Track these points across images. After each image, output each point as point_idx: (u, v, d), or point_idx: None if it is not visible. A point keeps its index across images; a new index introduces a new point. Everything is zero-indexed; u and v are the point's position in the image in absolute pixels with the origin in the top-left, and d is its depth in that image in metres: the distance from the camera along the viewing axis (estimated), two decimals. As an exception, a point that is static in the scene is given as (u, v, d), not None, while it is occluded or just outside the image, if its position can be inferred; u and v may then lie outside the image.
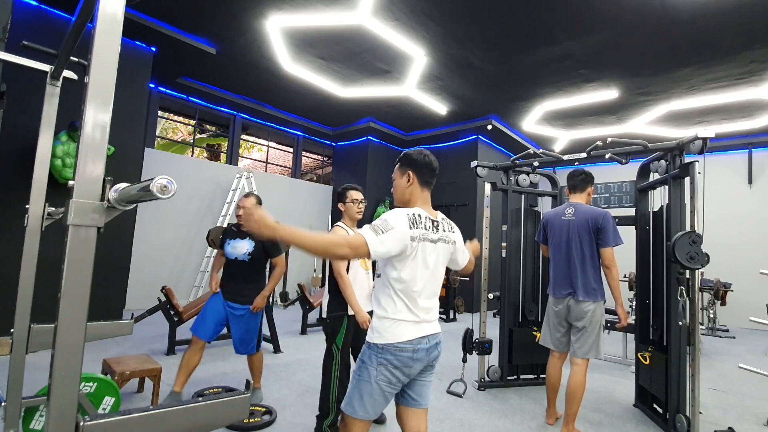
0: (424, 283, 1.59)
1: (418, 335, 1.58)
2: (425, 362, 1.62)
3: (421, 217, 1.59)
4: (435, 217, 1.67)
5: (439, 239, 1.64)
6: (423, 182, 1.67)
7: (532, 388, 3.66)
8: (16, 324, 1.65)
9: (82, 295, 0.83)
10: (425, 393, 1.68)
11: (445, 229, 1.68)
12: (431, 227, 1.61)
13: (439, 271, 1.67)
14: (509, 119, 7.98)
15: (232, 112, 8.19)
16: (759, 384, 4.02)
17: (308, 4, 4.58)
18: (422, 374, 1.66)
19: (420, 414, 1.67)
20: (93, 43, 0.88)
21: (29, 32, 4.29)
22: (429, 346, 1.61)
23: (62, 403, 0.80)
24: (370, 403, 1.56)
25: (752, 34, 4.66)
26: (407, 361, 1.56)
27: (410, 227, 1.53)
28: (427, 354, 1.61)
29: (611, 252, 2.67)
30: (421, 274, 1.58)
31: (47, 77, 1.75)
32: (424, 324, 1.61)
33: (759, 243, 7.83)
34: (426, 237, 1.58)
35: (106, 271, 4.71)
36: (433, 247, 1.61)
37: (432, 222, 1.63)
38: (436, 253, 1.63)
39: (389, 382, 1.56)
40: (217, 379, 3.54)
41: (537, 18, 4.61)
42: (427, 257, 1.59)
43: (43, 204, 1.71)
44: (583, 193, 2.91)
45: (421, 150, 1.72)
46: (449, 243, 1.69)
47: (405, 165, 1.68)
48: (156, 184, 0.82)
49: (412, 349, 1.56)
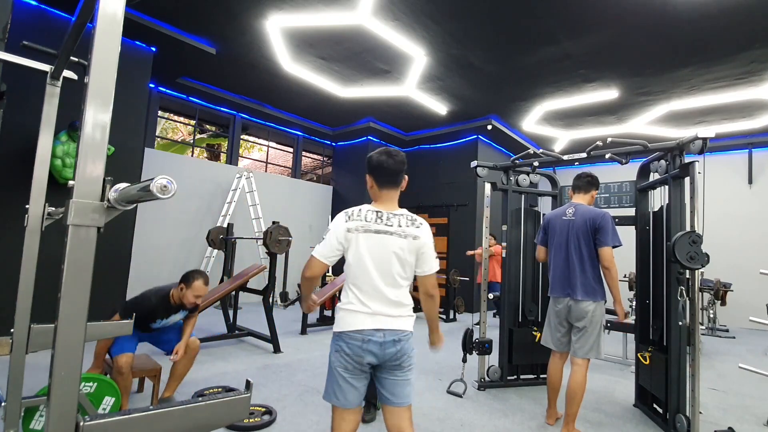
0: (368, 273, 1.63)
1: (370, 327, 1.61)
2: (380, 356, 1.62)
3: (362, 210, 1.68)
4: (389, 211, 1.70)
5: (386, 231, 1.65)
6: (380, 183, 1.72)
7: (532, 388, 3.66)
8: (16, 324, 1.65)
9: (82, 295, 0.83)
10: (399, 392, 1.66)
11: (401, 223, 1.67)
12: (373, 219, 1.66)
13: (391, 263, 1.65)
14: (509, 119, 7.98)
15: (232, 112, 8.19)
16: (759, 384, 4.02)
17: (308, 4, 4.58)
18: (388, 372, 1.66)
19: (399, 412, 1.66)
20: (93, 43, 0.88)
21: (29, 32, 4.29)
22: (384, 340, 1.61)
23: (62, 403, 0.80)
24: (337, 388, 1.63)
25: (752, 34, 4.66)
26: (357, 350, 1.61)
27: (346, 221, 1.66)
28: (381, 348, 1.61)
29: (609, 252, 2.66)
30: (361, 263, 1.64)
31: (47, 77, 1.75)
32: (380, 317, 1.62)
33: (759, 243, 7.83)
34: (365, 228, 1.65)
35: (106, 271, 4.71)
36: (374, 237, 1.64)
37: (376, 213, 1.68)
38: (381, 243, 1.64)
39: (345, 368, 1.63)
40: (217, 379, 3.54)
41: (537, 18, 4.61)
42: (367, 246, 1.64)
43: (43, 204, 1.71)
44: (587, 195, 2.92)
45: (381, 150, 1.74)
46: (404, 237, 1.65)
47: (367, 169, 1.75)
48: (156, 184, 0.82)
49: (362, 339, 1.60)
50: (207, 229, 7.07)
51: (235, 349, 4.60)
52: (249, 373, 3.76)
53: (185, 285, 2.79)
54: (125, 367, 2.59)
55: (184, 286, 2.79)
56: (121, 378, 2.56)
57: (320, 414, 2.89)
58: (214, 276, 7.31)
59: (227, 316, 5.10)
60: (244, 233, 7.72)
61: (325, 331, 5.78)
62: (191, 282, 2.79)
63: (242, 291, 5.02)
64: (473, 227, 8.39)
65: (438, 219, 9.07)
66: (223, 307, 5.16)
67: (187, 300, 2.79)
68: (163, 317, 2.86)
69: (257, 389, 3.30)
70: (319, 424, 2.74)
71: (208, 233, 6.57)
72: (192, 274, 2.83)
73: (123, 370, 2.57)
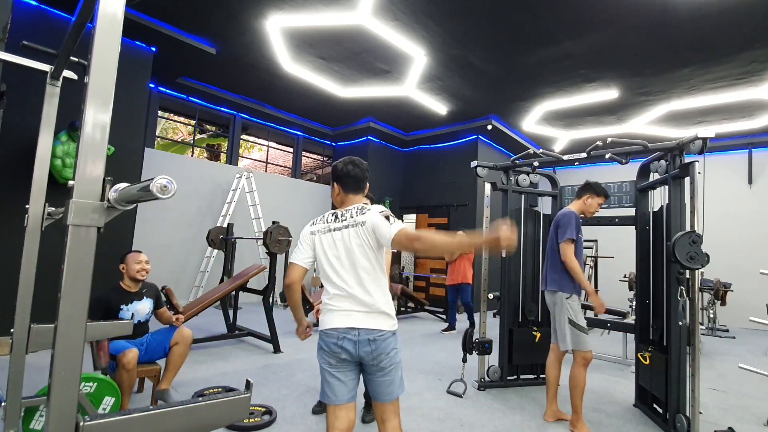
0: (335, 272, 1.71)
1: (344, 325, 1.65)
2: (355, 355, 1.65)
3: (324, 215, 1.82)
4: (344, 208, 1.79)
5: (343, 227, 1.73)
6: (346, 190, 1.82)
7: (532, 388, 3.66)
8: (16, 324, 1.64)
9: (82, 295, 0.83)
10: (381, 391, 1.69)
11: (353, 215, 1.73)
12: (332, 219, 1.78)
13: (354, 258, 1.69)
14: (509, 119, 7.98)
15: (232, 112, 8.19)
16: (759, 384, 4.02)
17: (308, 4, 4.58)
18: (372, 373, 1.69)
19: (381, 406, 1.72)
20: (93, 43, 0.88)
21: (29, 32, 4.29)
22: (357, 339, 1.63)
23: (62, 403, 0.80)
24: (326, 384, 1.71)
25: (752, 34, 4.66)
26: (333, 348, 1.67)
27: (310, 225, 1.83)
28: (355, 347, 1.64)
29: (564, 246, 2.82)
30: (328, 263, 1.73)
31: (47, 77, 1.75)
32: (354, 315, 1.66)
33: (759, 243, 7.83)
34: (326, 228, 1.76)
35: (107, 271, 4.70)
36: (333, 235, 1.74)
37: (334, 215, 1.79)
38: (340, 239, 1.72)
39: (328, 363, 1.70)
40: (217, 379, 3.54)
41: (537, 18, 4.61)
42: (329, 245, 1.74)
43: (43, 204, 1.71)
44: (579, 200, 3.04)
45: (344, 159, 1.84)
46: (355, 225, 1.70)
47: (332, 178, 1.87)
48: (156, 184, 0.82)
49: (337, 337, 1.66)
50: (207, 229, 7.07)
51: (235, 349, 4.60)
52: (249, 373, 3.76)
53: (123, 263, 2.91)
54: (132, 363, 2.57)
55: (123, 265, 2.90)
56: (127, 375, 2.55)
57: (320, 414, 2.89)
58: (214, 276, 7.32)
59: (227, 316, 5.10)
60: (244, 233, 7.72)
61: (325, 331, 5.76)
62: (125, 256, 2.92)
63: (242, 291, 5.02)
64: (473, 227, 8.39)
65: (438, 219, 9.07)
66: (223, 307, 5.16)
67: (133, 273, 2.87)
68: (125, 303, 2.86)
69: (257, 389, 3.30)
70: (319, 424, 2.74)
71: (208, 233, 6.57)
72: (124, 253, 2.96)
73: (129, 366, 2.56)
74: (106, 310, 2.79)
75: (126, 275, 2.91)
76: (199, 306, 4.35)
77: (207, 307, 4.43)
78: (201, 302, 4.48)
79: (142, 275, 2.90)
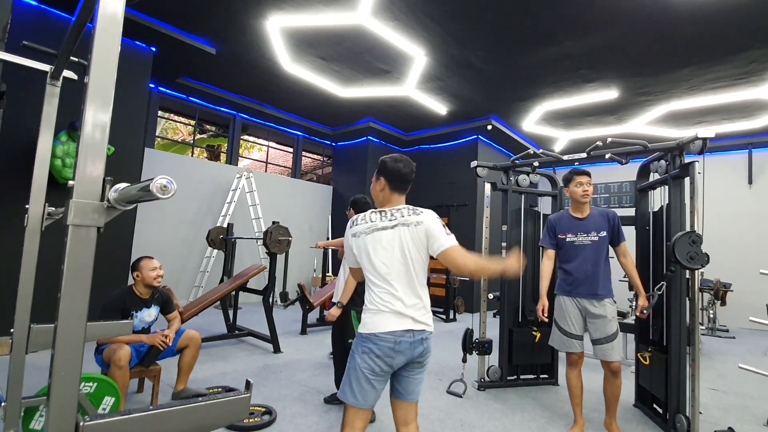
0: (382, 272, 1.66)
1: (400, 328, 1.62)
2: (409, 356, 1.64)
3: (366, 215, 1.77)
4: (390, 207, 1.75)
5: (392, 226, 1.68)
6: (393, 187, 1.77)
7: (532, 388, 3.66)
8: (16, 324, 1.64)
9: (82, 295, 0.83)
10: (412, 389, 1.71)
11: (403, 214, 1.70)
12: (378, 218, 1.73)
13: (404, 257, 1.65)
14: (509, 119, 7.98)
15: (232, 112, 8.19)
16: (759, 384, 4.02)
17: (308, 4, 4.58)
18: (409, 370, 1.68)
19: (408, 407, 1.72)
20: (93, 43, 0.88)
21: (29, 32, 4.29)
22: (413, 340, 1.63)
23: (62, 403, 0.80)
24: (358, 390, 1.63)
25: (752, 34, 4.66)
26: (388, 352, 1.61)
27: (350, 227, 1.78)
28: (411, 348, 1.63)
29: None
30: (374, 264, 1.67)
31: (47, 77, 1.75)
32: (407, 318, 1.63)
33: (759, 243, 7.83)
34: (372, 228, 1.71)
35: (106, 271, 4.71)
36: (381, 234, 1.69)
37: (380, 213, 1.74)
38: (395, 239, 1.67)
39: (372, 371, 1.62)
40: (217, 379, 3.54)
41: (537, 18, 4.61)
42: (377, 244, 1.68)
43: (43, 204, 1.71)
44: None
45: (395, 157, 1.80)
46: (407, 225, 1.67)
47: (380, 172, 1.80)
48: (156, 184, 0.81)
49: (394, 341, 1.60)
50: (207, 229, 7.08)
51: (235, 349, 4.60)
52: (249, 373, 3.76)
53: (137, 271, 2.87)
54: (123, 359, 2.53)
55: (138, 272, 2.86)
56: (119, 372, 2.52)
57: (320, 414, 2.89)
58: (214, 276, 7.32)
59: (227, 316, 5.10)
60: (244, 233, 7.73)
61: (325, 331, 5.77)
62: (138, 264, 2.88)
63: (242, 291, 5.01)
64: (473, 227, 8.39)
65: (438, 219, 9.05)
66: (223, 307, 5.16)
67: (149, 280, 2.85)
68: (137, 309, 2.85)
69: (257, 389, 3.30)
70: (319, 424, 2.74)
71: (208, 233, 6.58)
72: (136, 260, 2.93)
73: (121, 363, 2.52)
74: (123, 311, 2.78)
75: (141, 283, 2.86)
76: (199, 306, 4.35)
77: (207, 307, 4.43)
78: (201, 302, 4.48)
79: (158, 282, 2.90)
